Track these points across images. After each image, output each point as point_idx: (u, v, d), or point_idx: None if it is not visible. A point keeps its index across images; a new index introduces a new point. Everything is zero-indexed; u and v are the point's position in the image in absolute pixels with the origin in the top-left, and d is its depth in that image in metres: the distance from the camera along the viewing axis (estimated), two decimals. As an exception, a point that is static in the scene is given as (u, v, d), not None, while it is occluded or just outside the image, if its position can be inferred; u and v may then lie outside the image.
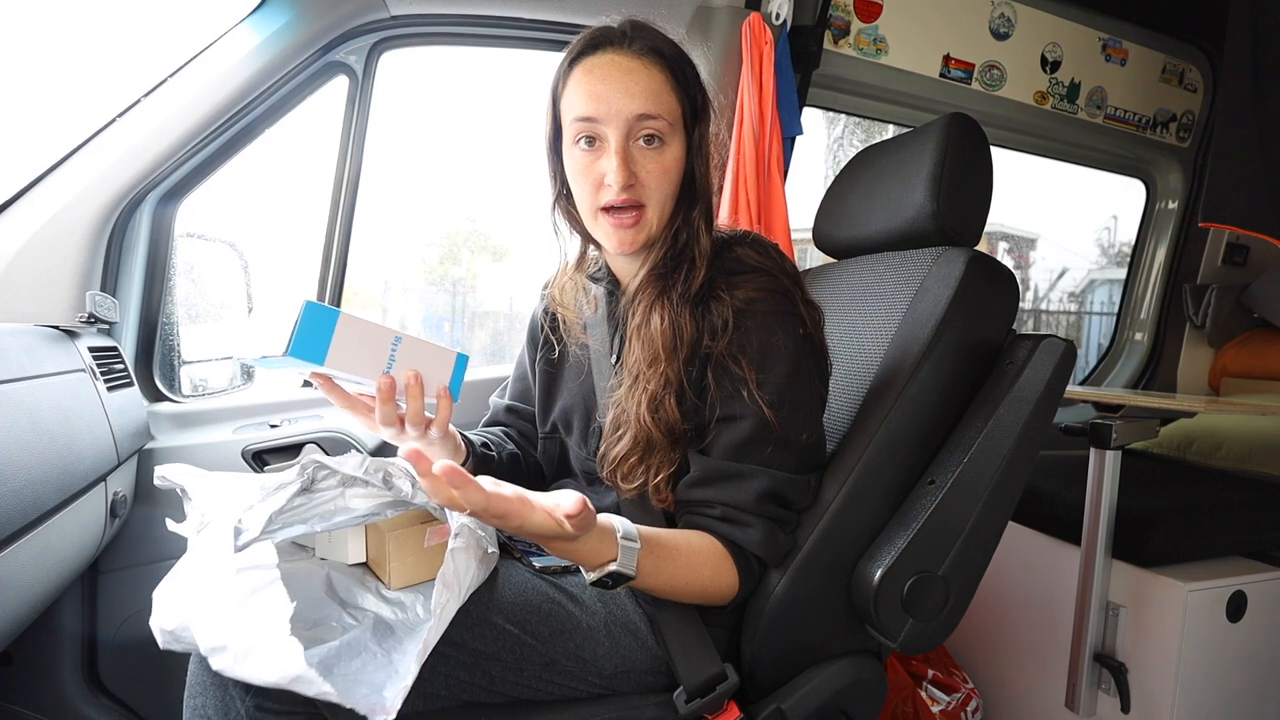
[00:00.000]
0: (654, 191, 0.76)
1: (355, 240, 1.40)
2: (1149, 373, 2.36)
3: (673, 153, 0.76)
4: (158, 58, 1.17)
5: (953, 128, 0.89)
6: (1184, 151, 2.20)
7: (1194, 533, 1.30)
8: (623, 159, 0.73)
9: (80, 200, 1.09)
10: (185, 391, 1.28)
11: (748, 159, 1.45)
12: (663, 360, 0.75)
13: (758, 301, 0.74)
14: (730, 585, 0.74)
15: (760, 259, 0.77)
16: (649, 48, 0.75)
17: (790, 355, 0.74)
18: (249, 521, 0.61)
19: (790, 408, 0.73)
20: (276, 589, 0.56)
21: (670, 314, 0.75)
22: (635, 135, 0.74)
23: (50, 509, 0.78)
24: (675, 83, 0.75)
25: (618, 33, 0.75)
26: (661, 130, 0.74)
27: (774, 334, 0.74)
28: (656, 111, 0.73)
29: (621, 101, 0.73)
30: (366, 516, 0.68)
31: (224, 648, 0.54)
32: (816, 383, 0.78)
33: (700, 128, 0.78)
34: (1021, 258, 3.84)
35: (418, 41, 1.39)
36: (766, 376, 0.73)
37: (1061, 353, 0.79)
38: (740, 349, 0.73)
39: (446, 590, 0.59)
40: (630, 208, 0.75)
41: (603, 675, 0.74)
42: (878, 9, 1.68)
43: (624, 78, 0.73)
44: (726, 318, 0.74)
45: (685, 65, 0.78)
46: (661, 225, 0.78)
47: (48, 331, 0.95)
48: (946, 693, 1.41)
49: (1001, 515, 0.79)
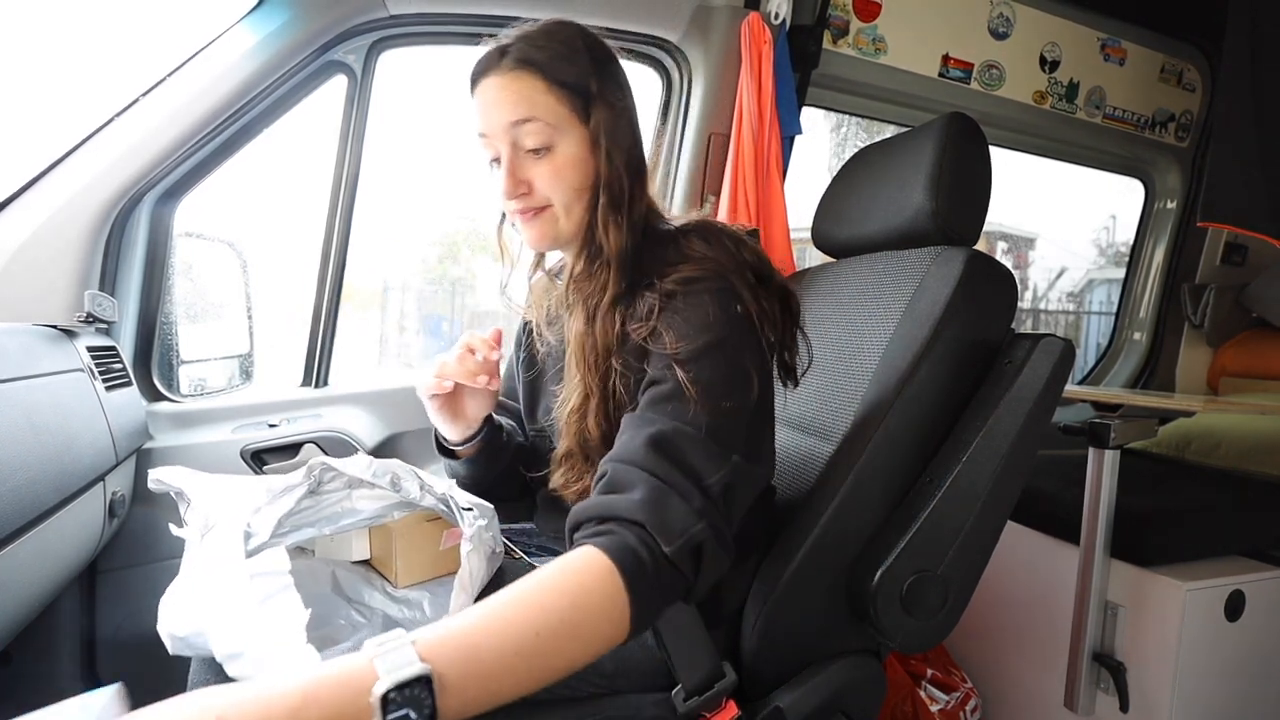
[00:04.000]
0: (551, 194, 0.76)
1: (354, 239, 1.40)
2: (1148, 372, 2.36)
3: (564, 152, 0.75)
4: (156, 57, 1.17)
5: (952, 127, 0.89)
6: (1183, 151, 2.20)
7: (1192, 532, 1.31)
8: (509, 170, 0.75)
9: (79, 199, 1.09)
10: (184, 391, 1.28)
11: (747, 159, 1.45)
12: (583, 368, 0.75)
13: (688, 281, 0.71)
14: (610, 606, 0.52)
15: (705, 249, 0.74)
16: (517, 60, 0.74)
17: (717, 325, 0.68)
18: (258, 525, 0.61)
19: (705, 369, 0.66)
20: (290, 595, 0.56)
21: (583, 321, 0.75)
22: (521, 144, 0.75)
23: (48, 509, 0.78)
24: (550, 82, 0.74)
25: (496, 55, 0.75)
26: (540, 133, 0.74)
27: (700, 307, 0.69)
28: (529, 113, 0.73)
29: (496, 115, 0.74)
30: (374, 518, 0.68)
31: (240, 654, 0.54)
32: (751, 358, 0.69)
33: (597, 117, 0.75)
34: (1020, 257, 3.85)
35: (417, 41, 1.39)
36: (686, 344, 0.67)
37: (1060, 352, 0.79)
38: (666, 325, 0.69)
39: (464, 593, 0.59)
40: (529, 210, 0.77)
41: (602, 674, 0.74)
42: (877, 9, 1.68)
43: (497, 94, 0.74)
44: (652, 304, 0.71)
45: (566, 60, 0.75)
46: (574, 222, 0.77)
47: (46, 331, 0.95)
48: (945, 692, 1.41)
49: (1000, 514, 0.79)
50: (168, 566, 1.18)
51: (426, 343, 3.26)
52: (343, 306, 1.43)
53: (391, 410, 1.41)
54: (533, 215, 0.77)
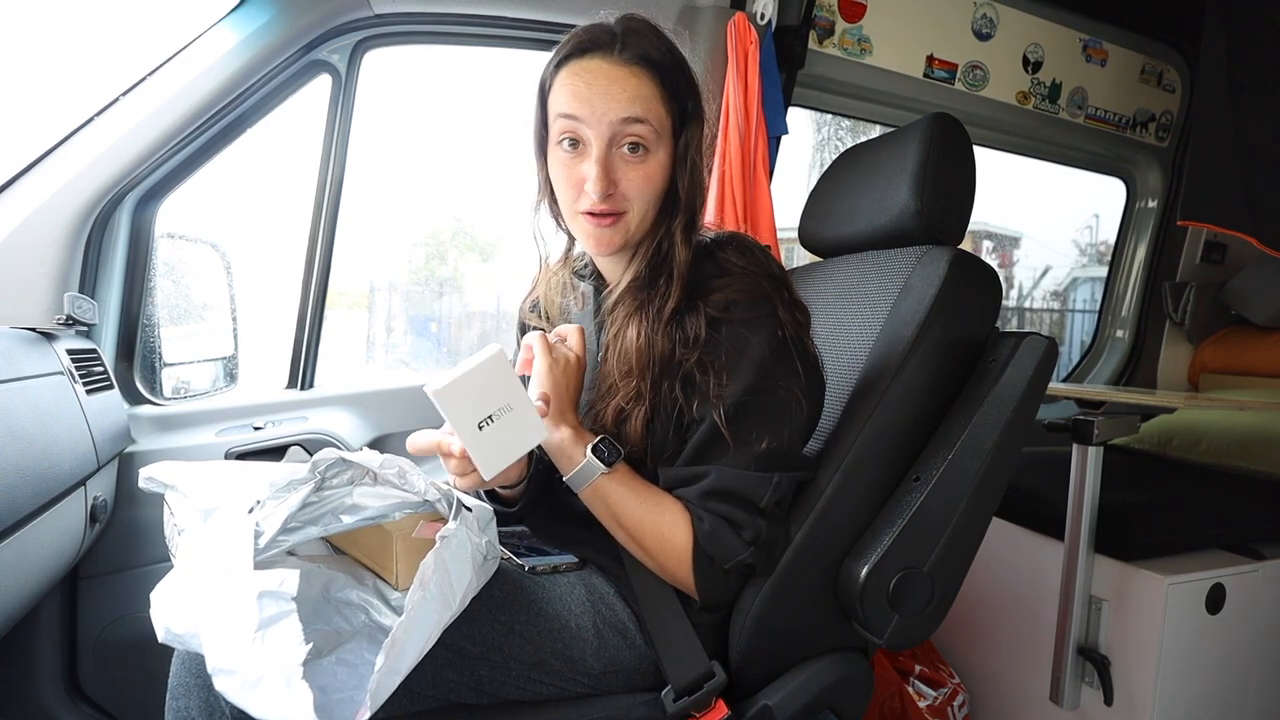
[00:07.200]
0: (634, 200, 0.74)
1: (340, 240, 1.39)
2: (1130, 369, 2.39)
3: (657, 161, 0.74)
4: (137, 55, 1.15)
5: (936, 127, 0.90)
6: (1163, 151, 2.23)
7: (1174, 527, 1.32)
8: (604, 166, 0.72)
9: (57, 200, 1.07)
10: (167, 394, 1.26)
11: (733, 158, 1.45)
12: (634, 376, 0.74)
13: (733, 307, 0.72)
14: (685, 547, 0.72)
15: (743, 261, 0.76)
16: (639, 56, 0.72)
17: (757, 364, 0.71)
18: (265, 523, 0.60)
19: (747, 418, 0.71)
20: (292, 623, 0.54)
21: (645, 330, 0.74)
22: (619, 141, 0.73)
23: (27, 514, 0.77)
24: (665, 90, 0.74)
25: (607, 36, 0.73)
26: (646, 137, 0.73)
27: (744, 342, 0.72)
28: (644, 115, 0.72)
29: (606, 105, 0.71)
30: (378, 516, 0.67)
31: (232, 672, 0.53)
32: (789, 388, 0.73)
33: (688, 135, 0.76)
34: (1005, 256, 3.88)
35: (401, 40, 1.38)
36: (728, 387, 0.71)
37: (1044, 350, 0.80)
38: (710, 359, 0.72)
39: (422, 587, 0.58)
40: (609, 213, 0.75)
41: (591, 675, 0.74)
42: (862, 9, 1.69)
43: (610, 85, 0.71)
44: (699, 330, 0.72)
45: (678, 71, 0.75)
46: (643, 230, 0.77)
47: (24, 334, 0.93)
48: (933, 688, 1.42)
49: (985, 511, 0.80)
50: (151, 572, 1.16)
51: (414, 343, 3.24)
52: (329, 307, 1.41)
53: (378, 412, 1.40)
54: (612, 220, 0.75)
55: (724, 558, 0.72)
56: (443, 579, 0.60)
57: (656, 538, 0.73)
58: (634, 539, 0.74)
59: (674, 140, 0.76)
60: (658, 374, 0.74)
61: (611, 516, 0.74)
